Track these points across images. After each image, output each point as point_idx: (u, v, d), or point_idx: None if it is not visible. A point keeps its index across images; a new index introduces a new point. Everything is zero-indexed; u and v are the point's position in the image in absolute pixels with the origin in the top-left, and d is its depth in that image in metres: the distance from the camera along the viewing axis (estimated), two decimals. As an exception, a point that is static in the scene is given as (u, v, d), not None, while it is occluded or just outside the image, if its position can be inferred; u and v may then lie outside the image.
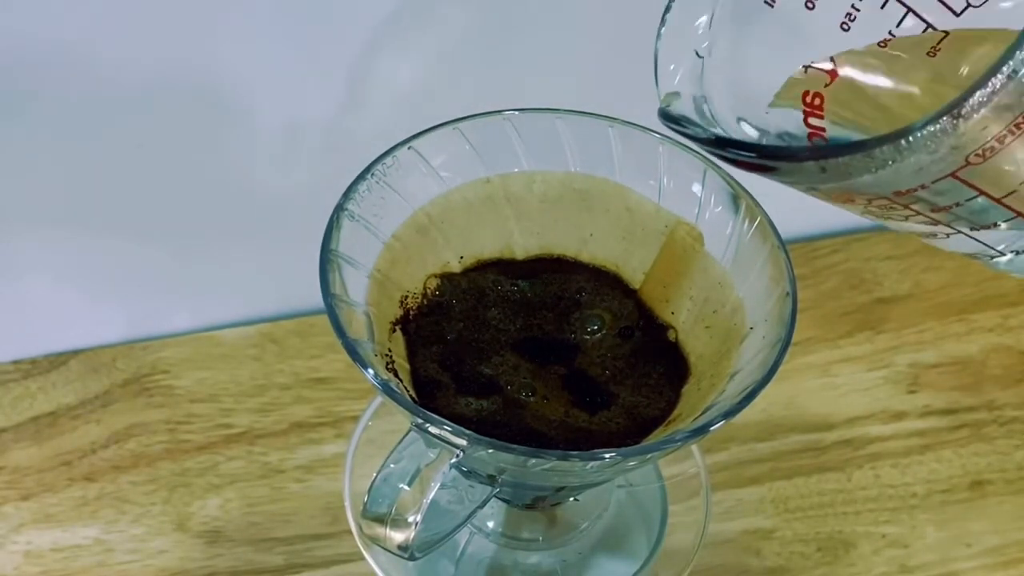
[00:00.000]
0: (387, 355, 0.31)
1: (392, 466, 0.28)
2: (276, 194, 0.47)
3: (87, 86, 0.41)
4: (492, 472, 0.30)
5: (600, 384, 0.32)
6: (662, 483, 0.42)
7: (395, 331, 0.32)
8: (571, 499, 0.39)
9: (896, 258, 0.54)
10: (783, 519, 0.45)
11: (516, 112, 0.33)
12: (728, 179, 0.32)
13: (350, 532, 0.41)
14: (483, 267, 0.35)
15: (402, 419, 0.29)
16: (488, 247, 0.35)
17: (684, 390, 0.32)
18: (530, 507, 0.39)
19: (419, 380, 0.32)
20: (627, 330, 0.34)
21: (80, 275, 0.49)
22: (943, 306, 0.52)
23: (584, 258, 0.35)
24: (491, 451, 0.27)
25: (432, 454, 0.28)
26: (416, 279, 0.33)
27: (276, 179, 0.47)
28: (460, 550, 0.40)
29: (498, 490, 0.31)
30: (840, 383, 0.49)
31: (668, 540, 0.40)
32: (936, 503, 0.45)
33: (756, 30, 0.28)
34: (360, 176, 0.32)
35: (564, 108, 0.34)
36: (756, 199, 0.32)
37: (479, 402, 0.31)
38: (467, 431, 0.27)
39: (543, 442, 0.30)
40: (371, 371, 0.28)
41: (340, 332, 0.28)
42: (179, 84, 0.42)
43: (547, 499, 0.37)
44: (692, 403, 0.31)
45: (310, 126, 0.45)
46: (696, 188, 0.33)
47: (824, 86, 0.28)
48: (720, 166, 0.32)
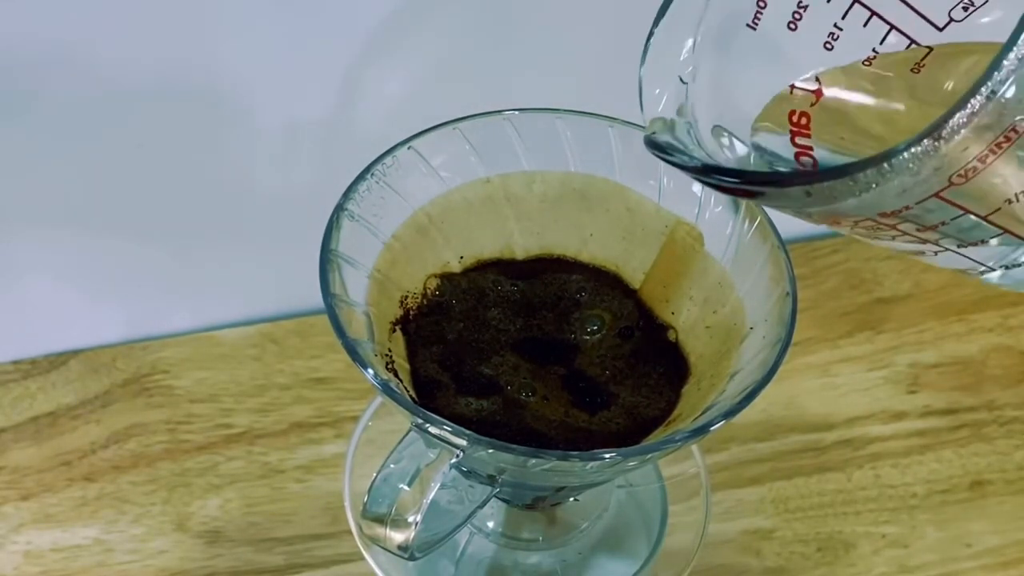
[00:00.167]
0: (387, 355, 0.31)
1: (392, 466, 0.28)
2: (276, 194, 0.47)
3: (87, 86, 0.41)
4: (492, 472, 0.30)
5: (600, 384, 0.32)
6: (662, 483, 0.42)
7: (395, 331, 0.32)
8: (571, 499, 0.39)
9: (896, 258, 0.54)
10: (783, 519, 0.45)
11: (516, 112, 0.33)
12: (728, 179, 0.32)
13: (350, 532, 0.41)
14: (483, 267, 0.35)
15: (402, 419, 0.29)
16: (488, 247, 0.35)
17: (684, 390, 0.32)
18: (530, 507, 0.39)
19: (419, 380, 0.32)
20: (627, 330, 0.34)
21: (80, 275, 0.49)
22: (943, 306, 0.52)
23: (584, 258, 0.35)
24: (491, 451, 0.27)
25: (432, 454, 0.28)
26: (416, 279, 0.33)
27: (276, 179, 0.47)
28: (460, 550, 0.40)
29: (498, 490, 0.31)
30: (840, 383, 0.49)
31: (668, 540, 0.40)
32: (936, 503, 0.45)
33: (739, 53, 0.28)
34: (360, 176, 0.32)
35: (564, 108, 0.34)
36: (756, 199, 0.32)
37: (479, 402, 0.31)
38: (467, 431, 0.27)
39: (543, 442, 0.30)
40: (371, 371, 0.28)
41: (340, 332, 0.28)
42: (179, 84, 0.42)
43: (547, 499, 0.37)
44: (692, 403, 0.31)
45: (310, 126, 0.45)
46: (696, 188, 0.33)
47: (810, 105, 0.28)
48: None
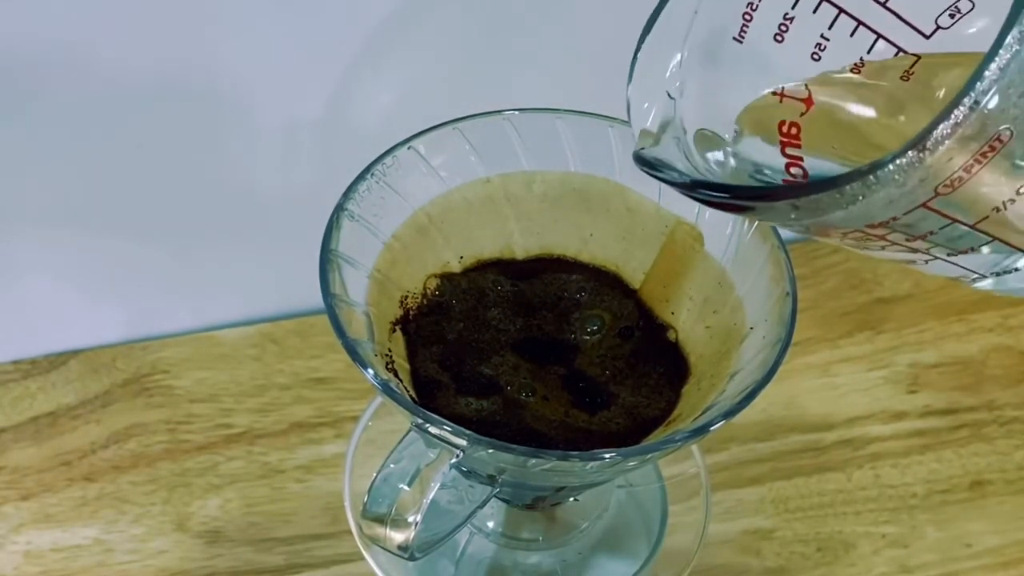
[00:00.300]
0: (387, 355, 0.31)
1: (392, 466, 0.28)
2: (276, 194, 0.47)
3: (87, 86, 0.41)
4: (492, 472, 0.30)
5: (600, 384, 0.32)
6: (662, 483, 0.42)
7: (395, 331, 0.32)
8: (571, 499, 0.39)
9: (896, 258, 0.54)
10: (783, 519, 0.45)
11: (516, 112, 0.33)
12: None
13: (350, 532, 0.41)
14: (483, 267, 0.35)
15: (402, 419, 0.29)
16: (488, 247, 0.35)
17: (684, 390, 0.32)
18: (530, 507, 0.39)
19: (419, 380, 0.32)
20: (627, 330, 0.34)
21: (80, 275, 0.49)
22: (943, 306, 0.52)
23: (584, 258, 0.35)
24: (491, 451, 0.27)
25: (432, 454, 0.28)
26: (416, 279, 0.33)
27: (276, 179, 0.47)
28: (460, 550, 0.40)
29: (498, 490, 0.31)
30: (840, 383, 0.49)
31: (668, 540, 0.40)
32: (936, 503, 0.45)
33: (727, 67, 0.28)
34: (360, 176, 0.32)
35: (564, 108, 0.34)
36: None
37: (479, 402, 0.31)
38: (467, 431, 0.27)
39: (543, 442, 0.30)
40: (371, 371, 0.28)
41: (340, 332, 0.28)
42: (179, 84, 0.42)
43: (547, 499, 0.37)
44: (692, 403, 0.31)
45: (310, 126, 0.45)
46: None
47: (800, 115, 0.28)
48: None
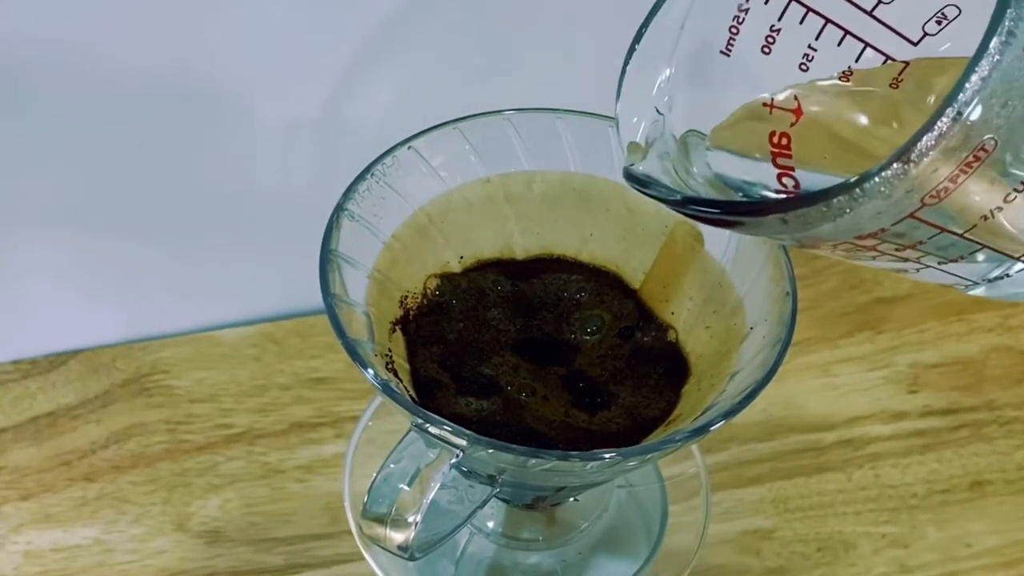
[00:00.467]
0: (387, 355, 0.31)
1: (392, 466, 0.28)
2: (276, 194, 0.47)
3: (87, 86, 0.41)
4: (492, 472, 0.30)
5: (600, 384, 0.32)
6: (662, 483, 0.42)
7: (395, 331, 0.32)
8: (571, 499, 0.39)
9: (896, 258, 0.54)
10: (783, 519, 0.45)
11: (516, 112, 0.33)
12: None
13: (350, 532, 0.41)
14: (483, 267, 0.35)
15: (402, 419, 0.29)
16: (488, 247, 0.35)
17: (684, 390, 0.32)
18: (530, 507, 0.39)
19: (419, 380, 0.32)
20: (627, 330, 0.34)
21: (80, 275, 0.49)
22: (943, 306, 0.52)
23: (584, 258, 0.35)
24: (491, 451, 0.27)
25: (432, 454, 0.28)
26: (416, 279, 0.33)
27: (276, 179, 0.47)
28: (460, 550, 0.40)
29: (498, 490, 0.31)
30: (840, 383, 0.49)
31: (668, 540, 0.40)
32: (936, 503, 0.45)
33: (715, 80, 0.28)
34: (360, 176, 0.32)
35: (564, 108, 0.34)
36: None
37: (479, 402, 0.31)
38: (467, 431, 0.27)
39: (543, 442, 0.30)
40: (371, 371, 0.28)
41: (340, 332, 0.28)
42: (179, 84, 0.42)
43: (547, 499, 0.37)
44: (692, 403, 0.31)
45: (310, 126, 0.45)
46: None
47: (790, 125, 0.28)
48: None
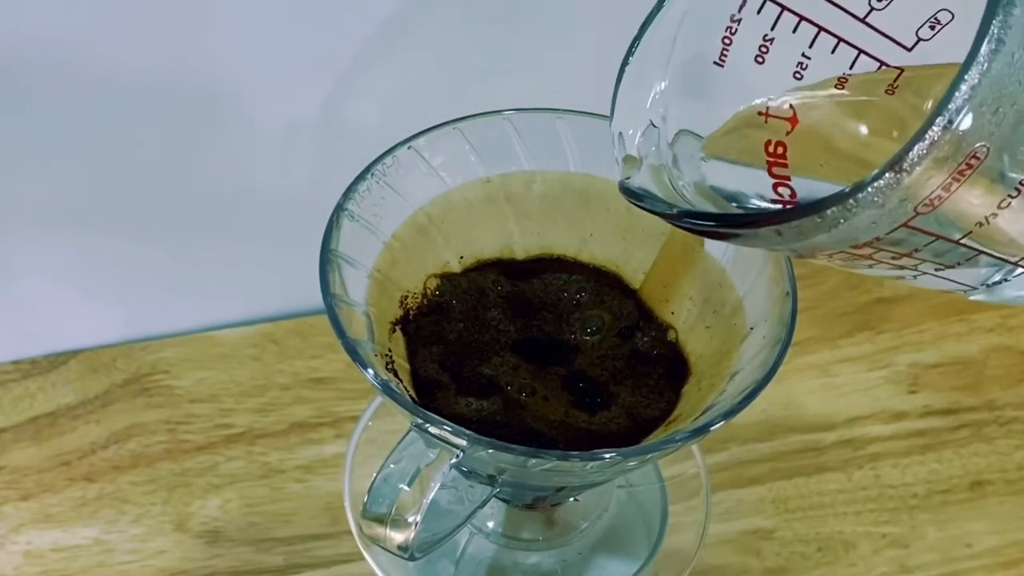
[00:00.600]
0: (387, 355, 0.31)
1: (392, 466, 0.28)
2: (276, 194, 0.47)
3: (86, 86, 0.41)
4: (492, 472, 0.30)
5: (600, 384, 0.32)
6: (662, 483, 0.42)
7: (395, 331, 0.32)
8: (571, 499, 0.39)
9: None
10: (783, 519, 0.45)
11: (516, 112, 0.33)
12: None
13: (350, 532, 0.41)
14: (483, 267, 0.35)
15: (402, 419, 0.29)
16: (488, 247, 0.35)
17: (684, 390, 0.32)
18: (530, 507, 0.39)
19: (419, 380, 0.32)
20: (627, 330, 0.34)
21: (80, 275, 0.49)
22: (943, 306, 0.52)
23: (584, 258, 0.35)
24: (491, 451, 0.27)
25: (432, 454, 0.28)
26: (416, 279, 0.33)
27: (276, 179, 0.47)
28: (460, 550, 0.40)
29: (498, 490, 0.31)
30: (840, 383, 0.49)
31: (668, 540, 0.40)
32: (936, 503, 0.45)
33: (709, 91, 0.28)
34: (360, 176, 0.32)
35: (564, 108, 0.34)
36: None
37: (479, 402, 0.31)
38: (467, 431, 0.27)
39: (543, 442, 0.30)
40: (371, 371, 0.28)
41: (340, 332, 0.28)
42: (178, 84, 0.42)
43: (547, 499, 0.37)
44: (692, 403, 0.31)
45: (310, 126, 0.45)
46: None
47: (786, 134, 0.27)
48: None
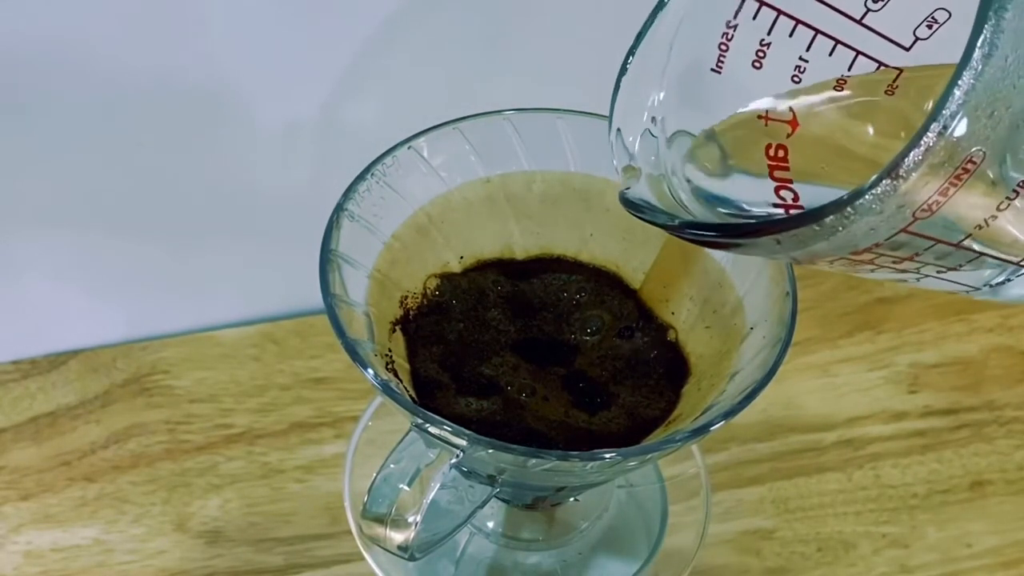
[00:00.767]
0: (387, 355, 0.31)
1: (392, 466, 0.28)
2: (276, 194, 0.47)
3: (86, 86, 0.41)
4: (492, 472, 0.30)
5: (600, 384, 0.32)
6: (662, 483, 0.42)
7: (395, 331, 0.32)
8: (571, 499, 0.39)
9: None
10: (783, 519, 0.45)
11: (516, 112, 0.33)
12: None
13: (350, 532, 0.41)
14: (483, 267, 0.35)
15: (402, 419, 0.29)
16: (488, 247, 0.35)
17: (684, 390, 0.32)
18: (530, 507, 0.39)
19: (419, 380, 0.32)
20: (627, 330, 0.34)
21: (80, 275, 0.49)
22: (943, 306, 0.52)
23: (584, 258, 0.35)
24: (491, 451, 0.27)
25: (432, 454, 0.28)
26: (416, 279, 0.33)
27: (276, 179, 0.47)
28: (460, 550, 0.40)
29: (498, 490, 0.31)
30: (840, 383, 0.49)
31: (668, 540, 0.40)
32: (936, 503, 0.45)
33: (707, 99, 0.28)
34: (360, 176, 0.32)
35: (564, 108, 0.34)
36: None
37: (479, 402, 0.31)
38: (467, 431, 0.27)
39: (543, 442, 0.30)
40: (371, 371, 0.28)
41: (340, 332, 0.28)
42: (179, 84, 0.42)
43: (547, 499, 0.37)
44: (692, 403, 0.31)
45: (310, 126, 0.45)
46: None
47: (786, 136, 0.27)
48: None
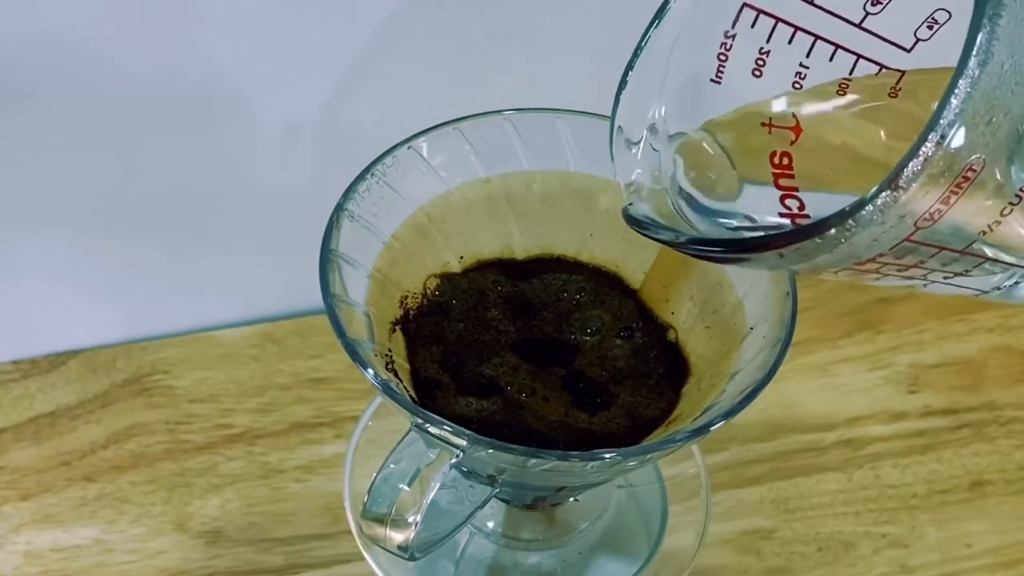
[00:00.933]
0: (387, 355, 0.31)
1: (392, 466, 0.28)
2: (276, 194, 0.47)
3: (87, 86, 0.41)
4: (492, 472, 0.30)
5: (600, 384, 0.32)
6: (662, 483, 0.42)
7: (395, 331, 0.32)
8: (571, 499, 0.39)
9: (896, 258, 0.54)
10: (783, 519, 0.45)
11: (516, 112, 0.33)
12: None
13: (350, 532, 0.41)
14: (483, 267, 0.35)
15: (402, 419, 0.29)
16: (488, 247, 0.35)
17: (684, 390, 0.32)
18: (530, 507, 0.39)
19: (419, 380, 0.32)
20: (627, 330, 0.34)
21: (80, 275, 0.49)
22: (943, 306, 0.52)
23: (584, 258, 0.35)
24: (491, 451, 0.27)
25: (432, 454, 0.28)
26: (416, 279, 0.33)
27: (276, 179, 0.47)
28: (460, 550, 0.40)
29: (498, 490, 0.31)
30: (840, 383, 0.49)
31: (668, 540, 0.40)
32: (936, 503, 0.45)
33: (708, 110, 0.28)
34: (360, 176, 0.32)
35: (564, 108, 0.34)
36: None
37: (479, 402, 0.31)
38: (467, 431, 0.27)
39: (543, 442, 0.30)
40: (371, 371, 0.28)
41: (340, 332, 0.28)
42: (179, 84, 0.42)
43: (547, 499, 0.37)
44: (692, 403, 0.31)
45: (310, 126, 0.45)
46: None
47: (790, 143, 0.27)
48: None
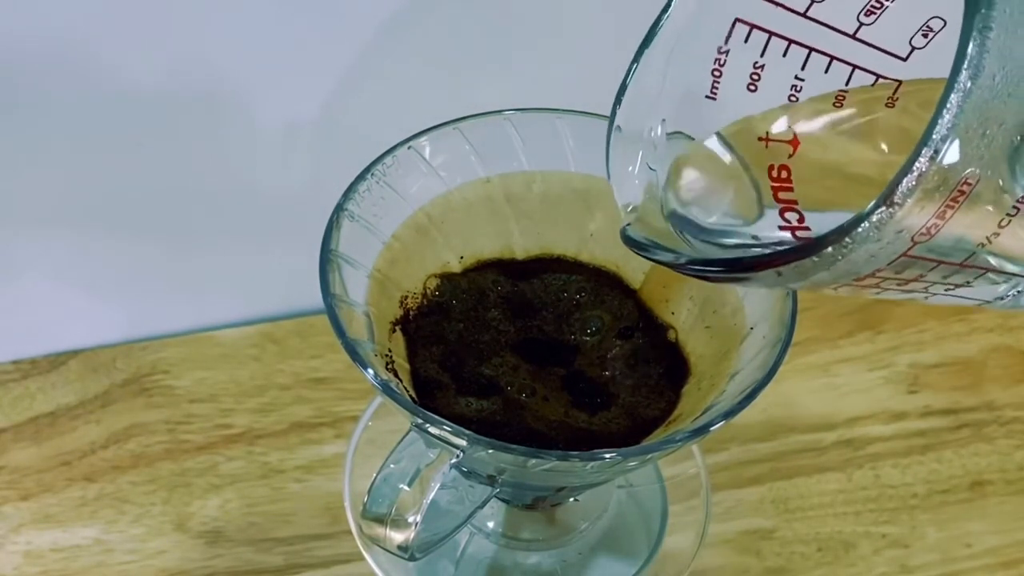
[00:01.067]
0: (387, 355, 0.31)
1: (392, 466, 0.28)
2: (276, 194, 0.47)
3: (87, 86, 0.41)
4: (492, 472, 0.30)
5: (600, 384, 0.32)
6: (662, 483, 0.42)
7: (395, 331, 0.32)
8: (571, 499, 0.39)
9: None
10: (783, 519, 0.45)
11: (516, 112, 0.33)
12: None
13: (350, 532, 0.41)
14: (483, 267, 0.35)
15: (402, 419, 0.29)
16: (488, 247, 0.35)
17: (684, 390, 0.32)
18: (530, 507, 0.39)
19: (419, 380, 0.32)
20: (627, 330, 0.34)
21: (80, 275, 0.49)
22: (943, 307, 0.52)
23: (584, 258, 0.35)
24: (491, 451, 0.27)
25: (432, 454, 0.28)
26: (416, 279, 0.33)
27: (276, 179, 0.47)
28: (460, 550, 0.40)
29: (498, 490, 0.31)
30: (840, 383, 0.49)
31: (668, 540, 0.40)
32: (936, 503, 0.45)
33: (703, 126, 0.28)
34: (360, 176, 0.32)
35: (564, 108, 0.34)
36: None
37: (479, 402, 0.31)
38: (467, 431, 0.27)
39: (543, 442, 0.30)
40: (371, 371, 0.28)
41: (340, 332, 0.28)
42: (179, 84, 0.42)
43: (547, 499, 0.37)
44: (692, 403, 0.31)
45: (310, 126, 0.45)
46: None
47: (788, 157, 0.27)
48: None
